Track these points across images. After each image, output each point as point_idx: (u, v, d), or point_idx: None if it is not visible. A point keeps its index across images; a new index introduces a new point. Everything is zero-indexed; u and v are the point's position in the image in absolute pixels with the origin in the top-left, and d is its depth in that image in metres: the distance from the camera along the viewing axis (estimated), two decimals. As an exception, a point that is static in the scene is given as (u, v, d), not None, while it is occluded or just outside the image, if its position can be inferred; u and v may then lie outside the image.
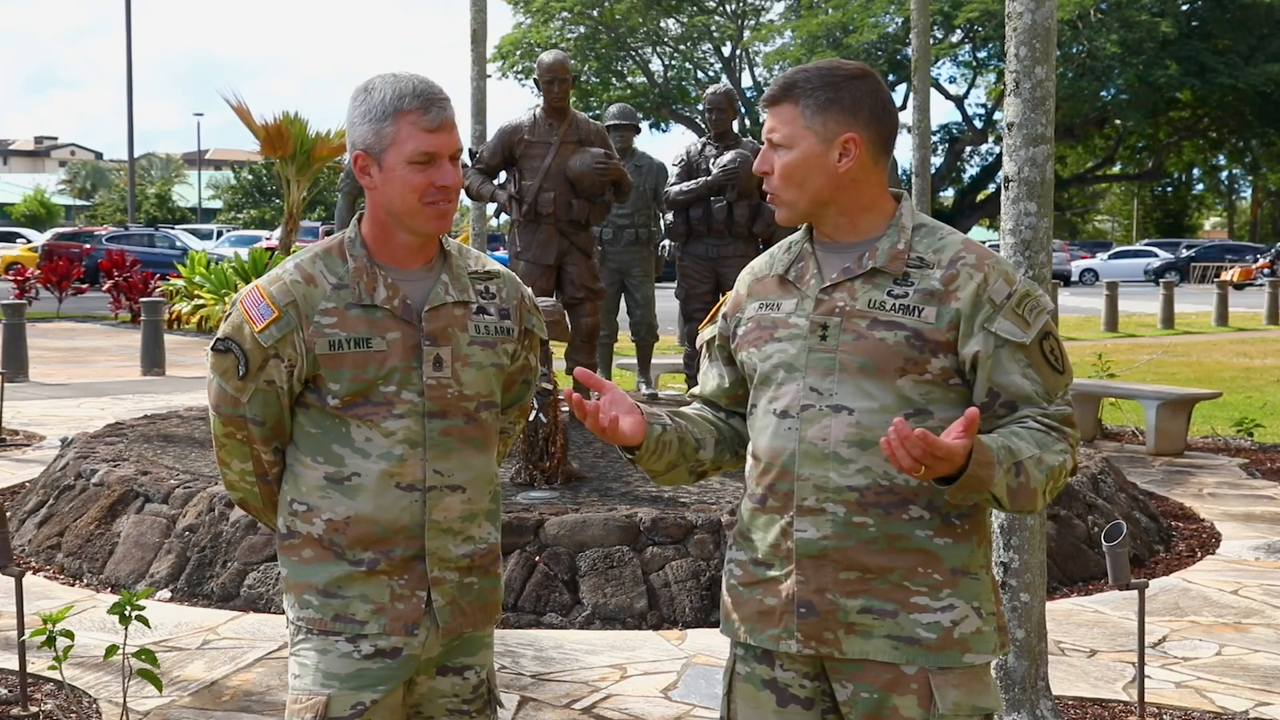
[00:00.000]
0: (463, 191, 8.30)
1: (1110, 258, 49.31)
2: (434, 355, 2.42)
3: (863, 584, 2.26)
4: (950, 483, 2.14)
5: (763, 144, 2.42)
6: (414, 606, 2.43)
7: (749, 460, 2.40)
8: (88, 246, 30.89)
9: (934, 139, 46.32)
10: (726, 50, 51.54)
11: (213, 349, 2.46)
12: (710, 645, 5.25)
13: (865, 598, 2.26)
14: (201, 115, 78.51)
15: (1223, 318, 25.09)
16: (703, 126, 30.85)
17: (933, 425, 2.25)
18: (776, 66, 48.43)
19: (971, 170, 52.91)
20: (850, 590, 2.27)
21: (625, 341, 11.20)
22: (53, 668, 4.43)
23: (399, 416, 2.40)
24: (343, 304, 2.41)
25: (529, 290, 2.63)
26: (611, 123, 9.94)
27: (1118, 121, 46.52)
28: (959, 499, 2.19)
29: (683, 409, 2.52)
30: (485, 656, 2.56)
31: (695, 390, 2.59)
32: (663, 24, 50.25)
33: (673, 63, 51.17)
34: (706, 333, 2.55)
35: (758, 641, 2.35)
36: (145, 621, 4.19)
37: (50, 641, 4.14)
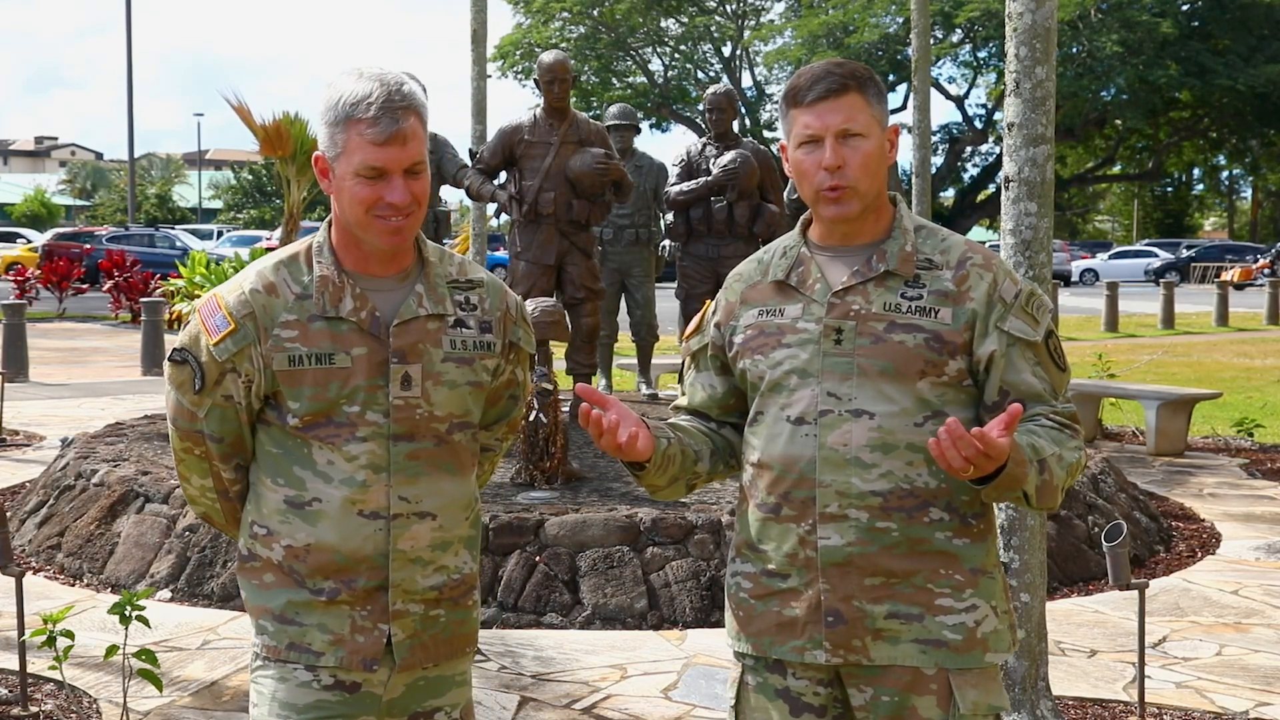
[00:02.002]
0: (464, 191, 8.33)
1: (1110, 258, 49.31)
2: (402, 373, 2.25)
3: (887, 589, 2.25)
4: (987, 482, 2.14)
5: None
6: (375, 640, 2.28)
7: (750, 469, 2.36)
8: (88, 247, 30.86)
9: (934, 139, 46.30)
10: (727, 50, 51.51)
11: (169, 359, 2.32)
12: (710, 645, 5.25)
13: (891, 603, 2.25)
14: (202, 115, 78.48)
15: (1223, 318, 25.10)
16: (703, 126, 30.83)
17: None
18: (776, 66, 48.46)
19: (971, 170, 52.88)
20: (876, 596, 2.25)
21: (625, 341, 11.19)
22: (53, 668, 4.43)
23: (362, 439, 2.24)
24: (305, 316, 2.24)
25: (516, 299, 2.45)
26: (611, 123, 9.93)
27: (1118, 121, 46.50)
28: (994, 498, 2.19)
29: (675, 420, 2.46)
30: (457, 695, 2.40)
31: (681, 403, 2.52)
32: (663, 24, 50.20)
33: (673, 63, 51.14)
34: (693, 343, 2.49)
35: (778, 654, 2.31)
36: (145, 621, 4.19)
37: (50, 641, 4.14)
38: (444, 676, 2.37)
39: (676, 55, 50.98)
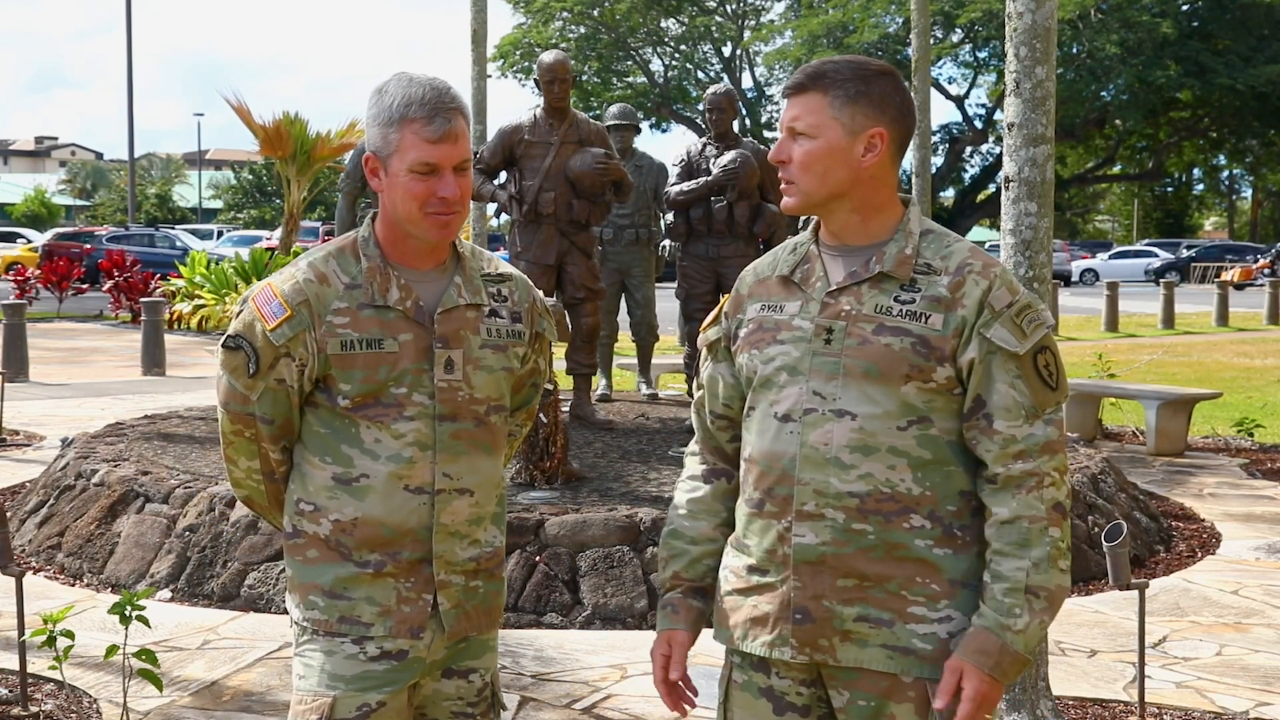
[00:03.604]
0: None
1: (1111, 258, 49.33)
2: (445, 358, 2.41)
3: (860, 591, 2.24)
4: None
5: (761, 141, 2.41)
6: (420, 609, 2.42)
7: (744, 464, 2.37)
8: (88, 246, 30.87)
9: (934, 139, 46.32)
10: (727, 50, 51.56)
11: (223, 346, 2.44)
12: (710, 645, 5.20)
13: (862, 605, 2.24)
14: (202, 115, 78.67)
15: (1223, 318, 25.10)
16: (703, 126, 30.77)
17: (932, 434, 2.24)
18: (776, 66, 48.51)
19: (972, 170, 52.93)
20: (847, 597, 2.24)
21: (625, 341, 11.20)
22: (53, 668, 4.43)
23: (409, 419, 2.39)
24: (355, 304, 2.39)
25: (540, 293, 2.61)
26: (611, 123, 9.93)
27: (1118, 121, 46.52)
28: (1023, 668, 2.24)
29: (691, 549, 2.48)
30: (490, 660, 2.55)
31: (703, 399, 2.47)
32: (663, 24, 50.27)
33: (673, 63, 51.19)
34: (710, 334, 2.48)
35: (751, 648, 2.33)
36: (145, 621, 4.19)
37: (50, 641, 4.14)
38: (481, 640, 2.54)
39: (676, 55, 51.03)
